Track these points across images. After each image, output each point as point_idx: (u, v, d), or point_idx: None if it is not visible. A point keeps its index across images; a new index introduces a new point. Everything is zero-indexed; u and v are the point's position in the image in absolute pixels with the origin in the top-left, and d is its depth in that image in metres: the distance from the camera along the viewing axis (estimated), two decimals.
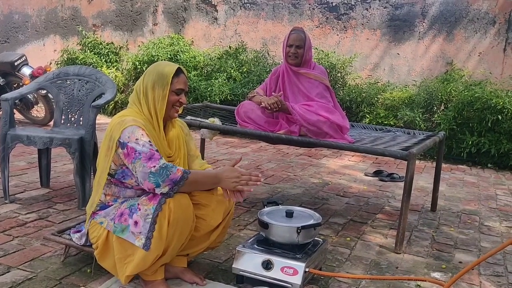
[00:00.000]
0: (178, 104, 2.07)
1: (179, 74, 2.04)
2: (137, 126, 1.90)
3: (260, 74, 6.57)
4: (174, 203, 1.84)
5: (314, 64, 3.18)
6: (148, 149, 1.86)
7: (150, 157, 1.85)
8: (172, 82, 2.02)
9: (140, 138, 1.88)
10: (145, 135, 1.90)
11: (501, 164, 5.36)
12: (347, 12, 6.78)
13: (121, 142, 1.88)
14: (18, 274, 2.09)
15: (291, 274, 1.96)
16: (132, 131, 1.88)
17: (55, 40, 8.88)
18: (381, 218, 3.31)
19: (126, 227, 1.86)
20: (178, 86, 2.04)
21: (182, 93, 2.07)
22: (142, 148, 1.86)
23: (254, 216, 3.06)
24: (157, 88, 2.00)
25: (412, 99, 5.93)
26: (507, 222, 3.41)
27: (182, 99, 2.07)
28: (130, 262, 1.88)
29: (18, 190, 3.29)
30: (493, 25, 6.04)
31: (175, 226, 1.85)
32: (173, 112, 2.07)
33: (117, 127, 1.92)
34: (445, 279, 2.35)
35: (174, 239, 1.88)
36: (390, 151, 2.68)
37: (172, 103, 2.04)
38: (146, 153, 1.85)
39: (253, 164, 4.74)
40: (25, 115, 6.13)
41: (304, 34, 3.07)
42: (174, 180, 1.84)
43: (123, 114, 2.01)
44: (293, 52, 3.04)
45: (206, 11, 7.62)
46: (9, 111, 3.04)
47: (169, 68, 2.02)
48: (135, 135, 1.88)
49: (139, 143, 1.86)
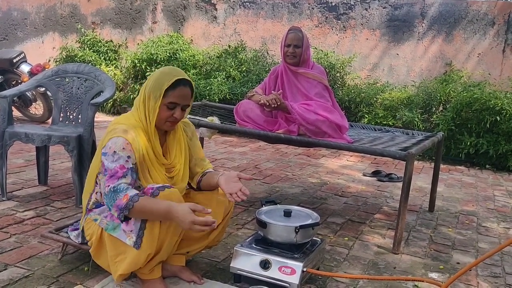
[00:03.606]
0: (172, 119, 1.93)
1: (176, 87, 1.89)
2: (124, 138, 1.83)
3: (259, 73, 6.57)
4: (164, 199, 1.81)
5: (313, 64, 3.18)
6: (115, 166, 1.80)
7: (112, 174, 1.80)
8: (166, 95, 1.88)
9: (118, 151, 1.82)
10: (127, 150, 1.83)
11: (499, 165, 5.37)
12: (346, 12, 6.78)
13: (103, 152, 1.85)
14: (15, 271, 2.09)
15: (288, 273, 1.95)
16: (115, 142, 1.83)
17: (54, 37, 8.86)
18: (379, 218, 3.31)
19: (118, 225, 1.85)
20: (172, 99, 1.89)
21: (176, 107, 1.91)
22: (110, 164, 1.80)
23: (252, 215, 3.06)
24: (152, 98, 1.90)
25: (411, 100, 5.94)
26: (504, 223, 3.41)
27: (176, 113, 1.92)
28: (122, 260, 1.87)
29: (15, 188, 3.28)
30: (492, 26, 6.05)
31: (168, 225, 1.84)
32: (168, 126, 1.96)
33: (109, 134, 1.88)
34: (443, 280, 2.36)
35: (167, 238, 1.87)
36: (388, 152, 2.68)
37: (164, 118, 1.92)
38: (111, 169, 1.80)
39: (252, 163, 4.74)
40: (24, 112, 6.12)
41: (302, 33, 3.07)
42: (119, 206, 1.76)
43: (120, 120, 1.96)
44: (291, 51, 3.04)
45: (205, 10, 7.61)
46: (7, 108, 3.03)
47: (166, 79, 1.89)
48: (116, 146, 1.82)
49: (114, 156, 1.81)
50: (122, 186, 1.79)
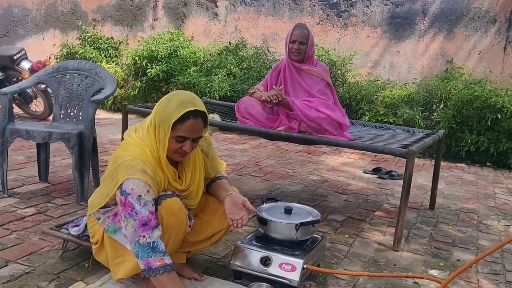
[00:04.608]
0: (181, 151, 1.84)
1: (185, 120, 1.77)
2: (144, 182, 1.73)
3: (260, 70, 6.56)
4: (165, 210, 1.80)
5: (316, 61, 3.19)
6: (147, 212, 1.72)
7: (145, 222, 1.72)
8: (174, 128, 1.78)
9: (144, 196, 1.73)
10: (151, 192, 1.74)
11: (499, 162, 5.37)
12: (347, 9, 6.76)
13: (123, 190, 1.74)
14: (16, 268, 2.09)
15: (289, 270, 1.96)
16: (138, 185, 1.72)
17: (54, 34, 8.85)
18: (379, 215, 3.31)
19: (119, 228, 1.84)
20: (180, 133, 1.79)
21: (185, 141, 1.81)
22: (140, 209, 1.72)
23: (253, 212, 3.05)
24: (161, 130, 1.80)
25: (411, 97, 5.93)
26: (505, 221, 3.41)
27: (185, 147, 1.81)
28: (120, 263, 1.87)
29: (16, 184, 3.28)
30: (494, 24, 6.03)
31: (169, 232, 1.83)
32: (177, 157, 1.87)
33: (124, 169, 1.75)
34: (443, 277, 2.36)
35: (168, 244, 1.86)
36: (389, 149, 2.68)
37: (173, 150, 1.83)
38: (143, 216, 1.72)
39: (252, 160, 4.74)
40: (24, 109, 6.12)
41: (308, 31, 3.08)
42: (149, 266, 1.72)
43: (133, 150, 1.81)
44: (296, 48, 3.05)
45: (206, 7, 7.60)
46: (8, 105, 3.04)
47: (175, 111, 1.77)
48: (139, 190, 1.72)
49: (140, 201, 1.72)
50: (161, 246, 1.74)
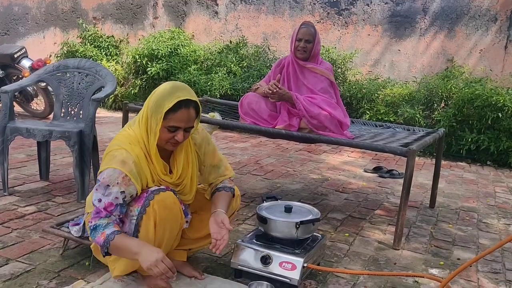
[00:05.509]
0: (173, 141, 1.83)
1: (177, 109, 1.76)
2: (120, 170, 1.74)
3: (260, 69, 6.56)
4: (158, 204, 1.79)
5: (321, 60, 3.19)
6: (103, 204, 1.75)
7: (97, 211, 1.78)
8: (166, 118, 1.77)
9: (112, 186, 1.74)
10: (121, 184, 1.75)
11: (500, 161, 5.36)
12: (348, 8, 6.75)
13: (98, 178, 1.80)
14: (16, 266, 2.10)
15: (289, 269, 1.96)
16: (110, 175, 1.74)
17: (55, 32, 8.85)
18: (379, 214, 3.31)
19: None
20: (172, 123, 1.78)
21: (178, 130, 1.80)
22: (101, 197, 1.76)
23: (253, 210, 3.06)
24: (153, 119, 1.80)
25: (412, 96, 5.92)
26: (505, 220, 3.42)
27: (177, 136, 1.80)
28: (115, 260, 1.89)
29: (17, 183, 3.29)
30: (495, 22, 6.02)
31: (163, 226, 1.83)
32: (169, 147, 1.86)
33: (107, 159, 1.80)
34: (443, 276, 2.36)
35: (164, 238, 1.86)
36: (389, 148, 2.68)
37: (165, 139, 1.82)
38: (97, 206, 1.77)
39: (253, 159, 4.74)
40: (25, 108, 6.12)
41: (314, 29, 3.08)
42: (99, 243, 1.77)
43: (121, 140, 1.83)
44: (302, 46, 3.05)
45: (206, 5, 7.59)
46: (8, 103, 3.04)
47: (167, 100, 1.76)
48: (110, 179, 1.74)
49: (105, 190, 1.75)
50: (101, 223, 1.78)
